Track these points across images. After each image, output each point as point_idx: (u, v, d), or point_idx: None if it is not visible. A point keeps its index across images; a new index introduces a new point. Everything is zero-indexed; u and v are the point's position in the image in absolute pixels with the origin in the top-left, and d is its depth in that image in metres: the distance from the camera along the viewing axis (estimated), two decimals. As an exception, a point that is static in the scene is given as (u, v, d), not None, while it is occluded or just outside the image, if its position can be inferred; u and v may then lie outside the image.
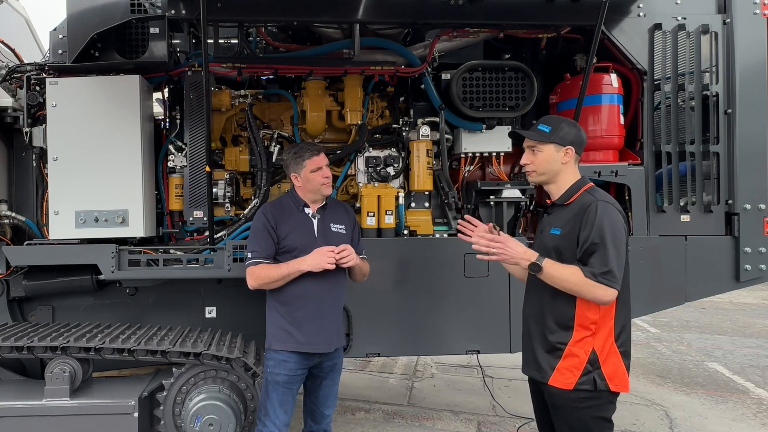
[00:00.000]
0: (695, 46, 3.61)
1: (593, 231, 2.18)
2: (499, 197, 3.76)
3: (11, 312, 3.68)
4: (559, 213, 2.37)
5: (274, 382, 2.84)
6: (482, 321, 3.61)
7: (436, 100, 3.72)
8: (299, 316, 2.82)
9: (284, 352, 2.83)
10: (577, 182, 2.37)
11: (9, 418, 3.08)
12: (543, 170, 2.37)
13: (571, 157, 2.35)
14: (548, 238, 2.36)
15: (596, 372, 2.21)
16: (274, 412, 2.84)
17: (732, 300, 10.36)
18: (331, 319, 2.89)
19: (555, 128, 2.34)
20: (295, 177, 2.93)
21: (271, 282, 2.78)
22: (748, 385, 5.60)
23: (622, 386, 2.25)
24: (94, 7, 3.33)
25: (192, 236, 3.68)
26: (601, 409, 2.25)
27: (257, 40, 3.84)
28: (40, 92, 3.47)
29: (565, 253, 2.28)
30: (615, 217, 2.23)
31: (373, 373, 5.91)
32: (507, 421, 4.51)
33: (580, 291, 2.19)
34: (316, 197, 2.94)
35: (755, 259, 3.62)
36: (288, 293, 2.82)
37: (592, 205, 2.23)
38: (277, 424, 2.84)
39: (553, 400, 2.32)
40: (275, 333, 2.86)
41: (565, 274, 2.20)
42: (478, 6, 3.19)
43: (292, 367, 2.84)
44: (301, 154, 2.90)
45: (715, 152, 3.59)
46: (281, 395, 2.85)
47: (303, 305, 2.82)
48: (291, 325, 2.82)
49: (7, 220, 3.59)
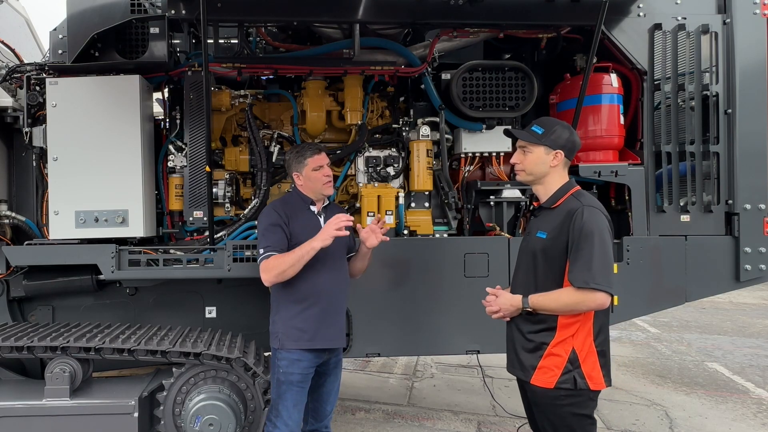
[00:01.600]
0: (695, 46, 3.61)
1: (581, 237, 2.22)
2: (499, 197, 3.77)
3: (11, 312, 3.68)
4: (546, 216, 2.41)
5: (289, 383, 2.82)
6: (482, 321, 3.55)
7: (436, 100, 3.72)
8: (314, 313, 2.83)
9: (298, 351, 2.82)
10: (564, 186, 2.40)
11: (9, 418, 3.09)
12: (531, 171, 2.41)
13: (560, 161, 2.38)
14: (535, 241, 2.40)
15: (576, 371, 2.26)
16: (288, 413, 2.82)
17: (732, 300, 10.36)
18: (341, 315, 2.95)
19: (548, 130, 2.37)
20: (297, 176, 2.95)
21: (287, 268, 2.70)
22: (748, 385, 5.60)
23: (599, 384, 2.30)
24: (94, 7, 3.33)
25: (192, 236, 3.68)
26: (582, 407, 2.30)
27: (257, 40, 3.84)
28: (40, 92, 3.47)
29: (551, 256, 2.32)
30: (601, 222, 2.27)
31: (373, 373, 5.91)
32: (507, 421, 4.50)
33: (577, 306, 2.23)
34: (318, 196, 2.96)
35: (755, 259, 3.63)
36: (300, 291, 2.82)
37: (578, 211, 2.26)
38: (290, 425, 2.82)
39: (535, 398, 2.38)
40: (288, 332, 2.83)
41: (555, 299, 2.26)
42: (478, 6, 3.19)
43: (306, 366, 2.84)
44: (303, 153, 2.92)
45: (715, 152, 3.59)
46: (296, 395, 2.84)
47: (316, 302, 2.83)
48: (305, 323, 2.82)
49: (7, 220, 3.59)
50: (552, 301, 2.26)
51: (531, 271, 2.39)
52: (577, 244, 2.22)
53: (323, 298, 2.85)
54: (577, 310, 2.25)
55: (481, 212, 3.85)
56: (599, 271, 2.18)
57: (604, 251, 2.21)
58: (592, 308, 2.24)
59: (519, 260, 2.54)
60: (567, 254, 2.27)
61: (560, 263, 2.29)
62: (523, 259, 2.49)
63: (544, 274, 2.34)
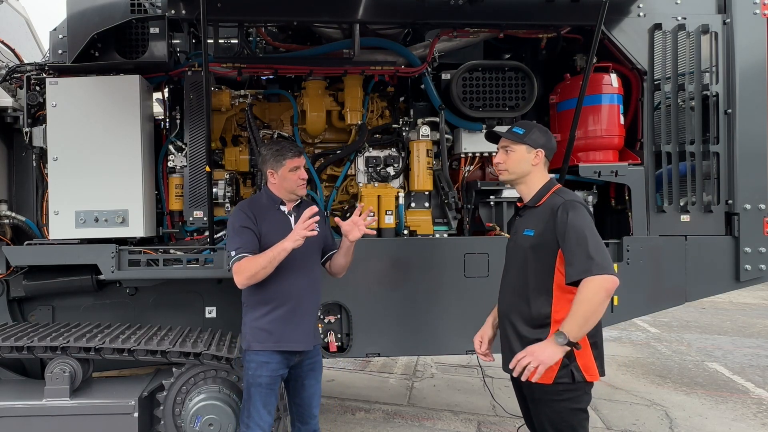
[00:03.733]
0: (695, 46, 3.61)
1: (569, 230, 2.26)
2: (499, 197, 3.77)
3: (11, 312, 3.68)
4: (531, 215, 2.47)
5: (257, 384, 2.79)
6: (482, 321, 3.58)
7: (436, 100, 3.72)
8: (279, 314, 2.77)
9: (265, 353, 2.78)
10: (546, 184, 2.48)
11: (9, 418, 3.09)
12: (513, 169, 2.49)
13: (541, 160, 2.47)
14: (522, 239, 2.45)
15: (573, 365, 2.28)
16: (258, 414, 2.79)
17: (732, 300, 10.37)
18: (310, 317, 2.88)
19: (528, 131, 2.48)
20: (272, 174, 2.88)
21: (260, 270, 2.65)
22: (748, 385, 5.60)
23: (594, 375, 2.33)
24: (94, 7, 3.33)
25: (192, 236, 3.68)
26: (578, 401, 2.33)
27: (257, 40, 3.84)
28: (40, 92, 3.47)
29: (541, 252, 2.36)
30: (585, 214, 2.33)
31: (373, 373, 5.91)
32: (507, 421, 4.50)
33: (596, 298, 2.18)
34: (290, 197, 2.91)
35: (755, 259, 3.63)
36: (267, 292, 2.77)
37: (561, 207, 2.32)
38: (262, 426, 2.80)
39: (533, 395, 2.40)
40: (254, 334, 2.80)
41: (580, 313, 2.19)
42: (478, 6, 3.19)
43: (274, 368, 2.79)
44: (284, 153, 2.84)
45: (715, 152, 3.59)
46: (264, 397, 2.80)
47: (283, 303, 2.78)
48: (270, 324, 2.77)
49: (7, 220, 3.59)
50: (579, 316, 2.19)
51: (522, 270, 2.43)
52: (567, 240, 2.26)
53: (292, 299, 2.79)
54: (600, 304, 2.18)
55: (481, 212, 3.85)
56: (597, 258, 2.19)
57: (596, 240, 2.25)
58: (609, 295, 2.19)
59: (508, 261, 2.58)
60: (555, 249, 2.31)
61: (550, 259, 2.34)
62: (513, 259, 2.53)
63: (535, 270, 2.38)
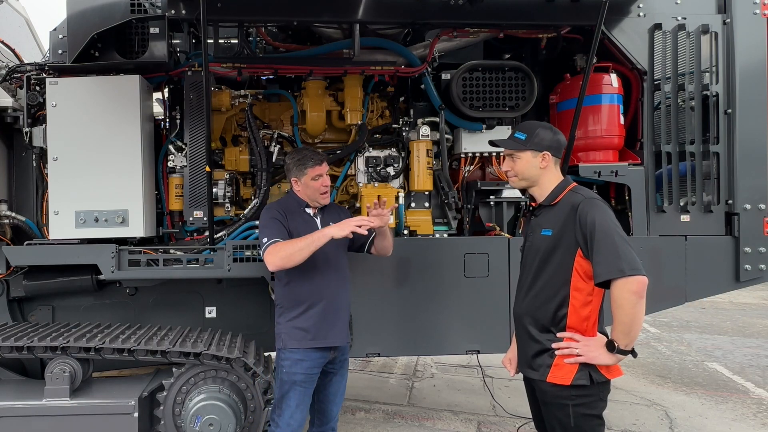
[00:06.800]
0: (695, 46, 3.61)
1: (595, 230, 2.18)
2: (499, 197, 3.77)
3: (11, 312, 3.68)
4: (547, 214, 2.39)
5: (292, 382, 2.85)
6: (482, 321, 3.60)
7: (436, 100, 3.72)
8: (315, 312, 2.86)
9: (301, 351, 2.85)
10: (561, 183, 2.40)
11: (9, 418, 3.09)
12: (523, 176, 2.43)
13: (549, 161, 2.38)
14: (540, 240, 2.37)
15: (590, 366, 2.23)
16: (290, 413, 2.84)
17: (732, 300, 10.36)
18: (344, 313, 2.98)
19: (531, 135, 2.38)
20: (296, 181, 3.00)
21: (296, 252, 2.67)
22: (748, 385, 5.60)
23: (617, 371, 2.27)
24: (94, 7, 3.32)
25: (192, 236, 3.67)
26: (592, 407, 2.26)
27: (257, 40, 3.84)
28: (40, 92, 3.47)
29: (559, 252, 2.29)
30: (609, 212, 2.26)
31: (373, 373, 5.91)
32: (507, 421, 4.51)
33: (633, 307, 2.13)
34: (313, 203, 3.01)
35: (755, 259, 3.62)
36: (302, 292, 2.86)
37: (581, 205, 2.24)
38: (293, 425, 2.84)
39: (545, 398, 2.33)
40: (291, 333, 2.86)
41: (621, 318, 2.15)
42: (478, 6, 3.19)
43: (309, 365, 2.86)
44: (305, 162, 2.95)
45: (715, 152, 3.59)
46: (299, 395, 2.85)
47: (317, 301, 2.87)
48: (307, 322, 2.85)
49: (7, 220, 3.59)
50: (619, 322, 2.16)
51: (539, 271, 2.35)
52: (593, 239, 2.18)
53: (324, 297, 2.88)
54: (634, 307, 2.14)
55: (481, 212, 3.85)
56: (626, 257, 2.13)
57: (623, 238, 2.18)
58: (641, 296, 2.14)
59: (525, 262, 2.49)
60: (574, 248, 2.23)
61: (569, 259, 2.26)
62: (530, 260, 2.43)
63: (553, 271, 2.30)
